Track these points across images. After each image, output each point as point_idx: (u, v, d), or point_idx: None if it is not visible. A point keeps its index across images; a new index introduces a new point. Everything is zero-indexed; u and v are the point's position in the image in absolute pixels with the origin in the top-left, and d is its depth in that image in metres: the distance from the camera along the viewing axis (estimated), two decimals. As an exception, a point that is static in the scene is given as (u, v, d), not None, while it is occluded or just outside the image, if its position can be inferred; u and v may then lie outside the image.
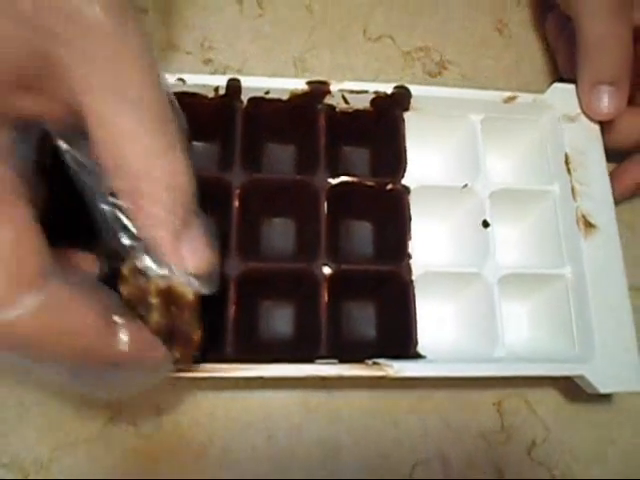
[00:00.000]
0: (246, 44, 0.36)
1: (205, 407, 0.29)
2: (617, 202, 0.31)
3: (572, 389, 0.31)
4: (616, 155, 0.33)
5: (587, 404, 0.31)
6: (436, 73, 0.37)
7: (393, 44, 0.37)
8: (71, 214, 0.21)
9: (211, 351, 0.24)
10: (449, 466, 0.29)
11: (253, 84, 0.29)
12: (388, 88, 0.30)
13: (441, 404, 0.30)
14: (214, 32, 0.36)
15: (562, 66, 0.35)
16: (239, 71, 0.35)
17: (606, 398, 0.31)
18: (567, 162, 0.30)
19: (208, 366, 0.24)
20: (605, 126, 0.32)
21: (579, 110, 0.31)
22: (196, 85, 0.29)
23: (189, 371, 0.24)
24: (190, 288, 0.21)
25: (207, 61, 0.35)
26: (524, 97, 0.31)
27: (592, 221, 0.29)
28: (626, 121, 0.32)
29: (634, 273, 0.33)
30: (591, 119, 0.31)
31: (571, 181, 0.30)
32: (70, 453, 0.27)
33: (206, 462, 0.28)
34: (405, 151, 0.30)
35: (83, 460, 0.27)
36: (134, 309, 0.21)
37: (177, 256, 0.20)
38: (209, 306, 0.23)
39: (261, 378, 0.25)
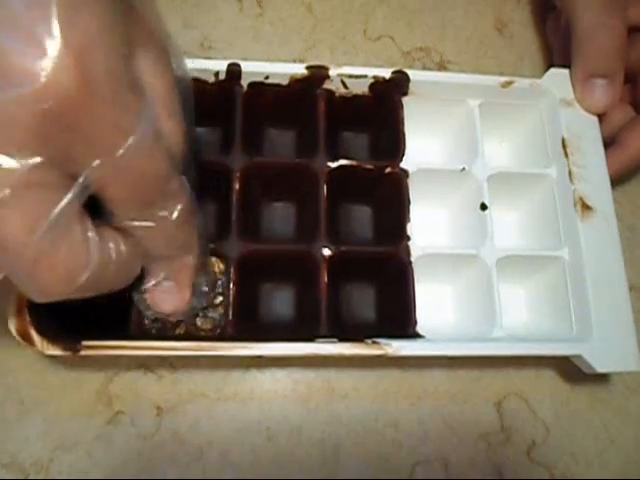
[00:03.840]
0: (246, 43, 0.36)
1: (205, 407, 0.29)
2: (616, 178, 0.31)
3: (572, 389, 0.31)
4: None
5: (587, 404, 0.31)
6: (436, 73, 0.37)
7: (393, 44, 0.37)
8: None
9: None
10: (449, 466, 0.29)
11: (253, 69, 0.30)
12: (387, 73, 0.30)
13: (441, 404, 0.30)
14: (214, 31, 0.36)
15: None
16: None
17: (606, 398, 0.31)
18: (564, 146, 0.31)
19: (208, 344, 0.25)
20: (599, 119, 0.32)
21: None
22: (197, 70, 0.29)
23: (190, 349, 0.24)
24: None
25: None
26: (521, 82, 0.31)
27: (589, 203, 0.29)
28: (616, 118, 0.32)
29: (634, 273, 0.33)
30: None
31: (568, 164, 0.30)
32: (70, 453, 0.27)
33: (206, 462, 0.28)
34: (404, 135, 0.30)
35: (83, 460, 0.27)
36: None
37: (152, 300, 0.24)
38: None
39: (261, 357, 0.25)
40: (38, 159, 0.16)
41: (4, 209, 0.16)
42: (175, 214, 0.20)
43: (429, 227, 0.32)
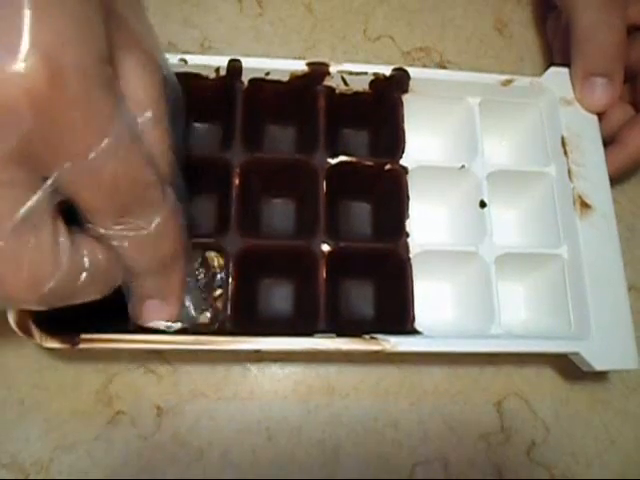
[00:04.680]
0: (246, 43, 0.36)
1: (205, 408, 0.29)
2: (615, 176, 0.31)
3: (572, 389, 0.31)
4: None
5: (587, 404, 0.31)
6: (436, 73, 0.37)
7: (393, 44, 0.37)
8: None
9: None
10: (449, 467, 0.29)
11: (254, 65, 0.30)
12: (387, 70, 0.31)
13: (441, 404, 0.30)
14: (214, 31, 0.36)
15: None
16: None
17: (606, 398, 0.31)
18: (564, 144, 0.31)
19: (206, 338, 0.25)
20: (598, 118, 0.32)
21: None
22: (197, 66, 0.29)
23: (188, 343, 0.24)
24: None
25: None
26: (521, 80, 0.32)
27: (588, 201, 0.30)
28: (616, 118, 0.32)
29: (634, 273, 0.33)
30: None
31: (567, 163, 0.30)
32: (70, 453, 0.27)
33: (206, 462, 0.28)
34: (403, 132, 0.31)
35: (83, 460, 0.27)
36: None
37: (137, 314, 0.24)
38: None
39: (259, 351, 0.25)
40: (8, 159, 0.16)
41: None
42: (154, 225, 0.20)
43: (428, 224, 0.32)
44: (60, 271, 0.18)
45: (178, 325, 0.24)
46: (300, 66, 0.30)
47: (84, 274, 0.19)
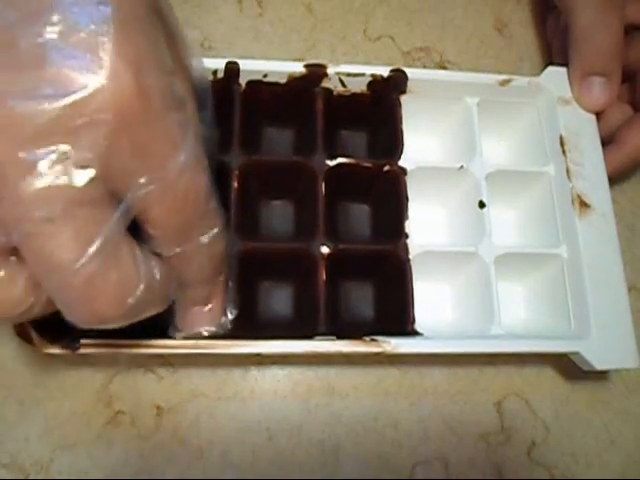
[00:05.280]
0: (246, 43, 0.36)
1: (205, 407, 0.29)
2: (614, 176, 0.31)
3: (573, 389, 0.31)
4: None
5: (587, 404, 0.31)
6: (436, 73, 0.37)
7: (393, 44, 0.37)
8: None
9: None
10: (449, 466, 0.29)
11: (251, 67, 0.30)
12: (385, 71, 0.31)
13: (441, 404, 0.30)
14: (214, 32, 0.36)
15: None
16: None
17: (606, 397, 0.31)
18: (562, 143, 0.31)
19: (205, 342, 0.25)
20: (597, 117, 0.32)
21: None
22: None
23: (188, 347, 0.24)
24: None
25: (207, 61, 0.35)
26: (519, 80, 0.32)
27: (587, 201, 0.30)
28: (614, 117, 0.32)
29: (634, 273, 0.33)
30: None
31: (566, 162, 0.30)
32: (70, 453, 0.27)
33: (206, 462, 0.28)
34: (402, 133, 0.31)
35: (83, 460, 0.27)
36: None
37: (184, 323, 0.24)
38: None
39: (259, 355, 0.25)
40: (93, 173, 0.16)
41: (53, 227, 0.16)
42: (212, 237, 0.20)
43: (427, 225, 0.32)
44: (143, 282, 0.18)
45: (213, 329, 0.24)
46: (298, 68, 0.30)
47: (156, 285, 0.19)
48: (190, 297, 0.23)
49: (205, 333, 0.24)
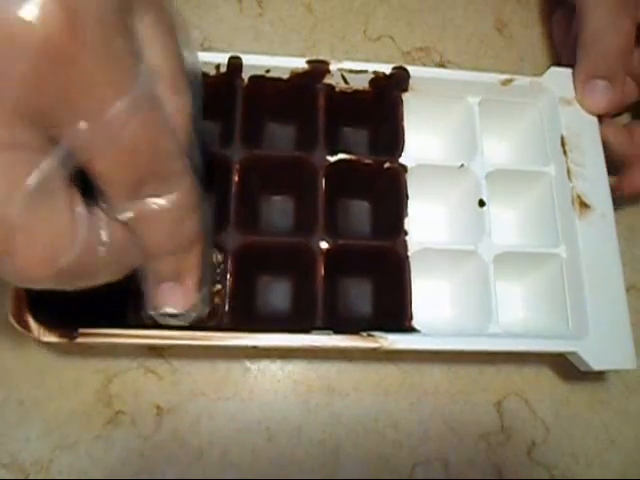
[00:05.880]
0: (246, 43, 0.36)
1: (205, 407, 0.29)
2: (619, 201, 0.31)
3: (572, 389, 0.31)
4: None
5: (587, 404, 0.31)
6: (436, 73, 0.37)
7: (393, 44, 0.37)
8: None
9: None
10: (449, 466, 0.29)
11: (254, 62, 0.30)
12: (387, 68, 0.31)
13: (441, 404, 0.30)
14: (214, 31, 0.36)
15: (566, 60, 0.35)
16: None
17: (606, 398, 0.31)
18: (563, 144, 0.31)
19: (203, 334, 0.25)
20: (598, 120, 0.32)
21: None
22: None
23: (185, 339, 0.24)
24: None
25: (207, 61, 0.35)
26: (521, 80, 0.32)
27: (587, 201, 0.30)
28: (613, 138, 0.31)
29: (633, 273, 0.33)
30: None
31: (567, 162, 0.30)
32: (70, 453, 0.27)
33: (206, 462, 0.28)
34: (403, 131, 0.31)
35: (83, 460, 0.27)
36: None
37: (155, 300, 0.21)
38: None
39: (256, 347, 0.25)
40: (18, 114, 0.14)
41: None
42: (171, 200, 0.18)
43: (427, 222, 0.32)
44: (77, 243, 0.16)
45: (192, 315, 0.23)
46: (300, 64, 0.30)
47: (102, 249, 0.17)
48: (156, 270, 0.21)
49: (175, 312, 0.22)
